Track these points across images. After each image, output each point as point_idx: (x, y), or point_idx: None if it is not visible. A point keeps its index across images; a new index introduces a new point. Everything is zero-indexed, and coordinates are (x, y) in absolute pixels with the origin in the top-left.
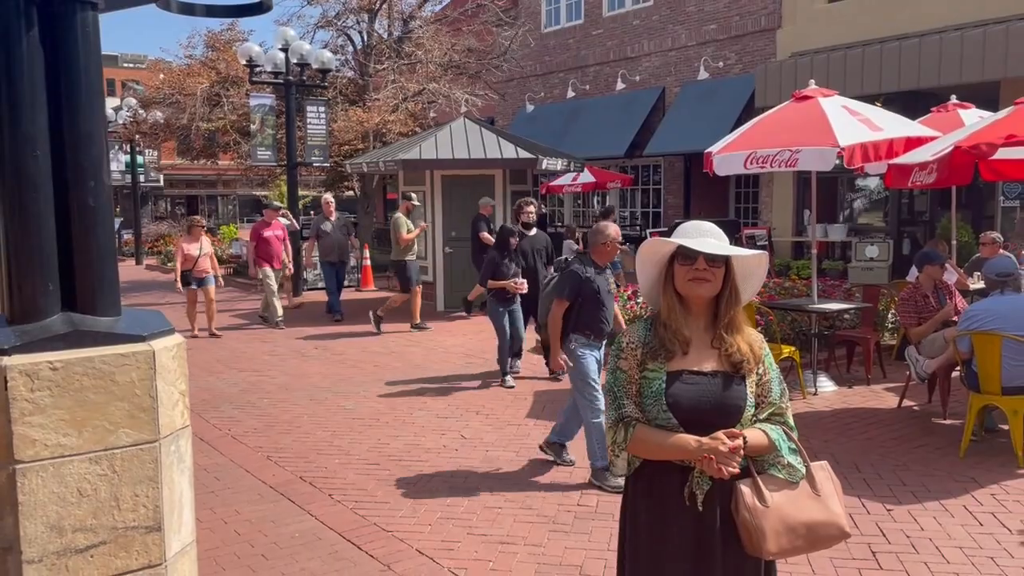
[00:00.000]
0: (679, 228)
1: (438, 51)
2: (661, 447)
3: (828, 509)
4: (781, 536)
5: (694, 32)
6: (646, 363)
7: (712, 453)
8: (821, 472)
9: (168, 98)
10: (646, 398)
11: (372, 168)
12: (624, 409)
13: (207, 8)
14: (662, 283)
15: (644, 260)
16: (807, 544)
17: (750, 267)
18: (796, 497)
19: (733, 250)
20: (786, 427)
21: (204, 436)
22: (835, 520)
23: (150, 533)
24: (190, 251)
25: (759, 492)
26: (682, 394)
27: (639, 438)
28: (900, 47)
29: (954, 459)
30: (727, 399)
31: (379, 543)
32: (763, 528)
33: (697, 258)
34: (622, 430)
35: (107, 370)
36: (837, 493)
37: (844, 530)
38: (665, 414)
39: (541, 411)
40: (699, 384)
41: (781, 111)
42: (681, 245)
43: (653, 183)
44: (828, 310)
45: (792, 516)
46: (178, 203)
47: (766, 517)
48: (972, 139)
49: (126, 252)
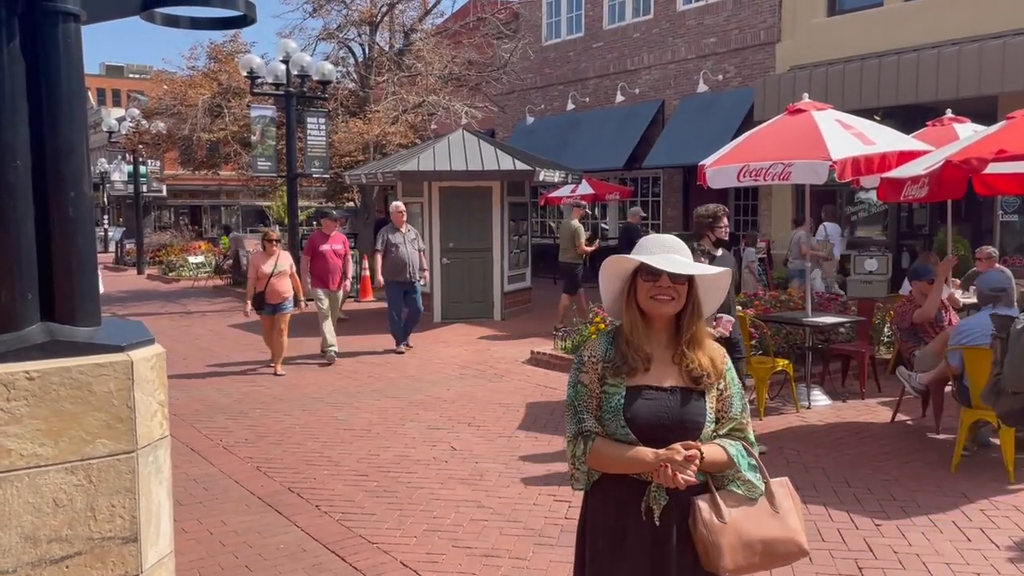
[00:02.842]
0: (641, 243)
1: (438, 63)
2: (619, 460)
3: (786, 526)
4: (737, 552)
5: (693, 45)
6: (606, 378)
7: (667, 461)
8: (781, 489)
9: (170, 109)
10: (605, 413)
11: (371, 179)
12: (584, 424)
13: (192, 20)
14: (624, 298)
15: (607, 274)
16: (764, 561)
17: (713, 283)
18: (754, 514)
19: (697, 268)
20: (746, 443)
21: (195, 446)
22: (793, 537)
23: (127, 544)
24: (263, 269)
25: (717, 508)
26: (640, 410)
27: (598, 451)
28: (898, 61)
29: (945, 474)
30: (686, 415)
31: (363, 555)
32: (720, 544)
33: (660, 275)
34: (581, 443)
35: (84, 380)
36: (797, 510)
37: (802, 547)
38: (623, 430)
39: (532, 423)
40: (658, 400)
41: (774, 124)
42: (644, 263)
43: (652, 195)
44: (822, 324)
45: (749, 533)
46: (182, 213)
47: (723, 533)
48: (963, 154)
49: (128, 262)
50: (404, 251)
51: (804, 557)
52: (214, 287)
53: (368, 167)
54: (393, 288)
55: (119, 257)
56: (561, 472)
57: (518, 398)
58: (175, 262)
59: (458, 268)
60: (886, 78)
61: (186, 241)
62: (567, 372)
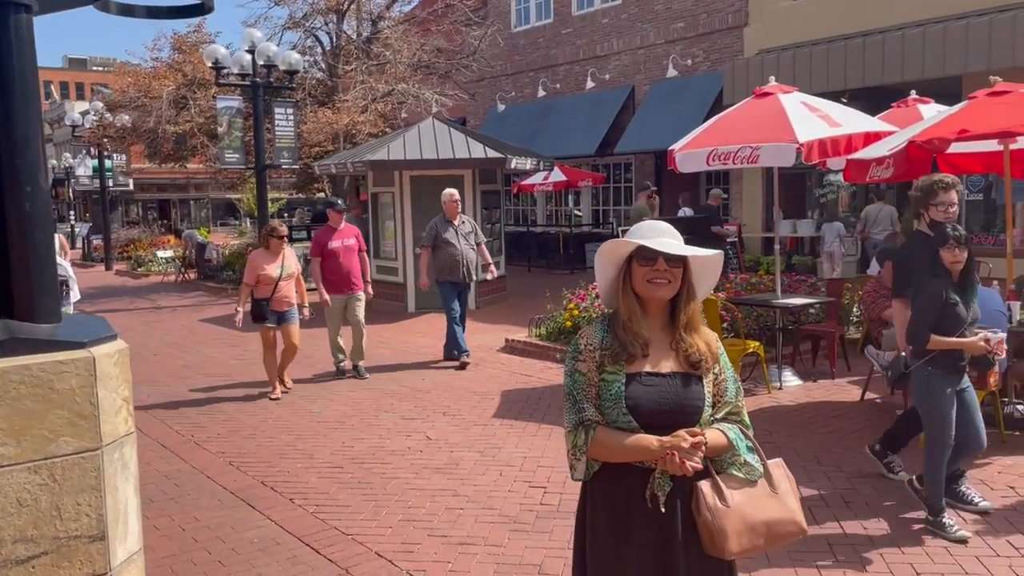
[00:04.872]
0: (635, 228)
1: (407, 51)
2: (622, 449)
3: (786, 507)
4: (742, 536)
5: (662, 30)
6: (605, 366)
7: (675, 449)
8: (777, 470)
9: (134, 101)
10: (605, 401)
11: (341, 169)
12: (584, 413)
13: (148, 9)
14: (620, 284)
15: (603, 261)
16: (767, 542)
17: (706, 266)
18: (755, 496)
19: (692, 250)
20: (742, 426)
21: (166, 442)
22: (793, 517)
23: (94, 542)
24: (268, 271)
25: (720, 492)
26: (642, 396)
27: (600, 441)
28: (864, 44)
29: (913, 449)
30: (686, 399)
31: (338, 547)
32: (725, 529)
33: (657, 259)
34: (582, 433)
35: (45, 378)
36: (793, 490)
37: (802, 526)
38: (625, 417)
39: (507, 411)
40: (658, 385)
41: (742, 108)
42: (641, 246)
43: (625, 181)
44: (792, 305)
45: (752, 515)
46: (150, 207)
47: (727, 517)
48: (926, 134)
49: (95, 258)
50: (458, 247)
51: (803, 535)
52: (183, 281)
53: (338, 157)
54: (447, 288)
55: (86, 253)
56: (536, 458)
57: (493, 386)
58: (144, 257)
59: None
60: (852, 60)
61: (155, 235)
62: (542, 359)
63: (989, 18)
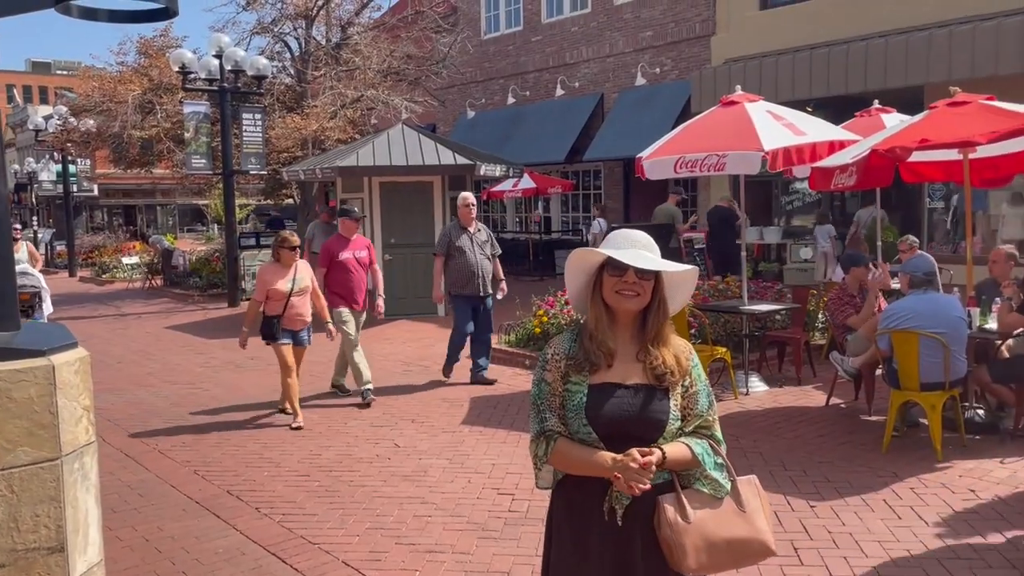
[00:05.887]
0: (609, 237)
1: (377, 58)
2: (579, 463)
3: (752, 525)
4: (702, 552)
5: (631, 39)
6: (569, 375)
7: (621, 471)
8: (748, 487)
9: (99, 106)
10: (568, 411)
11: (309, 175)
12: (546, 423)
13: (110, 13)
14: (590, 292)
15: (573, 268)
16: (730, 560)
17: (679, 281)
18: (719, 513)
19: (664, 264)
20: (713, 441)
21: (130, 451)
22: (759, 537)
23: (53, 554)
24: (279, 286)
25: (682, 508)
26: (603, 408)
27: (560, 452)
28: (828, 54)
29: (877, 455)
30: (649, 413)
31: (305, 556)
32: (684, 544)
33: (627, 270)
34: (543, 443)
35: (2, 387)
36: (764, 508)
37: (768, 547)
38: (585, 428)
39: (476, 418)
40: (621, 398)
41: (709, 116)
42: (611, 257)
43: (594, 188)
44: (759, 311)
45: (714, 532)
46: (115, 213)
47: (687, 533)
48: (888, 143)
49: (59, 264)
50: (472, 256)
51: (771, 556)
52: (149, 288)
53: (307, 163)
54: (460, 303)
55: (50, 259)
56: (505, 465)
57: (462, 393)
58: (109, 263)
59: (401, 264)
60: (817, 70)
61: (120, 241)
62: (511, 366)
63: (949, 30)
